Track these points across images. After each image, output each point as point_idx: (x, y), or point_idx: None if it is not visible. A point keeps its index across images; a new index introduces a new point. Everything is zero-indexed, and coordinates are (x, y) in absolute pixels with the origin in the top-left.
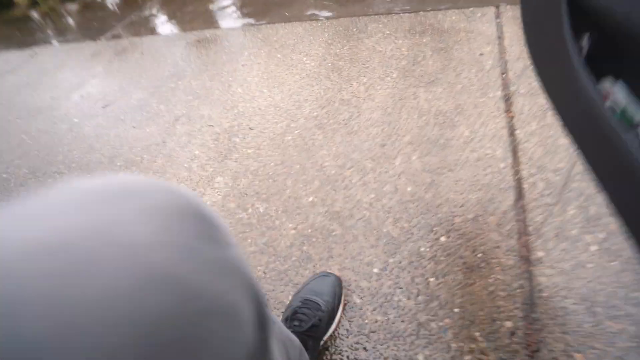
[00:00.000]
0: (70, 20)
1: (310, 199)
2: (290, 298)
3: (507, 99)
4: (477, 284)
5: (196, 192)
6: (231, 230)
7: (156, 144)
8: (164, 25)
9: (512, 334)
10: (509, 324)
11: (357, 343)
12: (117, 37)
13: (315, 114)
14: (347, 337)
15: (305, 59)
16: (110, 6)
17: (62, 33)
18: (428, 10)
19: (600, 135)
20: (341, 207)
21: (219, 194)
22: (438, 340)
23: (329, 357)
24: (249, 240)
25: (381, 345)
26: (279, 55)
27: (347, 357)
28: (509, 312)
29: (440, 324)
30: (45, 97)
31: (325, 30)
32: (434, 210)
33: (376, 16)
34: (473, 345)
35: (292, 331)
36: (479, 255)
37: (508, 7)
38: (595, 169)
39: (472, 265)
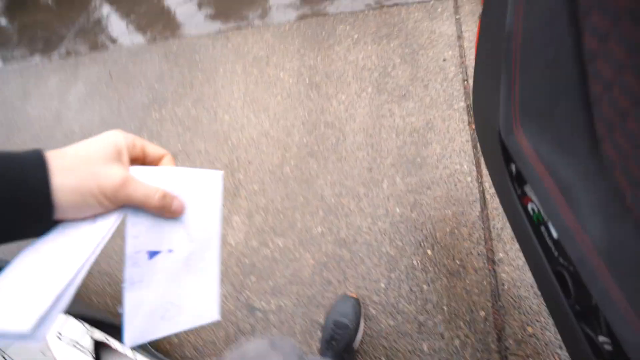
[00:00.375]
0: (6, 25)
1: (319, 229)
2: (323, 319)
3: (469, 110)
4: (458, 286)
5: None
6: (260, 268)
7: None
8: (122, 34)
9: (485, 320)
10: (482, 313)
11: (379, 344)
12: (73, 53)
13: (305, 140)
14: (370, 341)
15: (281, 74)
16: (46, 2)
17: (4, 44)
18: (391, 6)
19: (518, 222)
20: (346, 234)
21: (240, 234)
22: (435, 333)
23: (359, 359)
24: (278, 274)
25: (395, 342)
26: (255, 72)
27: (373, 355)
28: (481, 304)
29: (435, 320)
30: (25, 137)
31: (295, 36)
32: (420, 227)
33: (342, 16)
34: (459, 332)
35: (331, 350)
36: (458, 262)
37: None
38: (515, 233)
39: (453, 271)
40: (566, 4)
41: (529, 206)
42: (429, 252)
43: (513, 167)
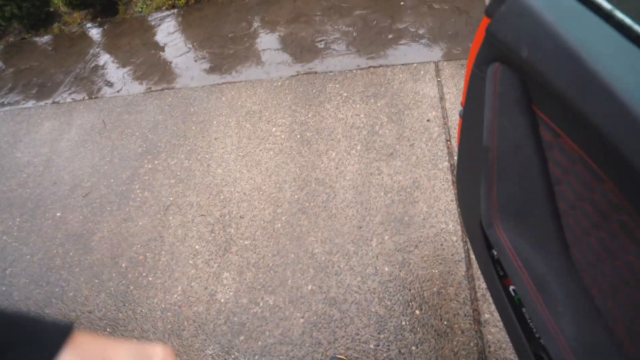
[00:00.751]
0: (1, 68)
1: (310, 287)
2: None
3: (453, 170)
4: (446, 347)
5: (208, 290)
6: (250, 327)
7: (154, 239)
8: (118, 83)
9: None
10: None
11: None
12: (68, 100)
13: (296, 196)
14: None
15: (274, 129)
16: (44, 48)
17: None
18: (377, 67)
19: (500, 301)
20: (336, 292)
21: (230, 291)
22: None
23: None
24: (267, 333)
25: None
26: (248, 126)
27: None
28: None
29: None
30: (11, 184)
31: (287, 92)
32: (408, 286)
33: (331, 74)
34: None
35: None
36: (445, 322)
37: (445, 63)
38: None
39: (440, 332)
40: (531, 137)
41: (511, 288)
42: (417, 312)
43: (494, 252)
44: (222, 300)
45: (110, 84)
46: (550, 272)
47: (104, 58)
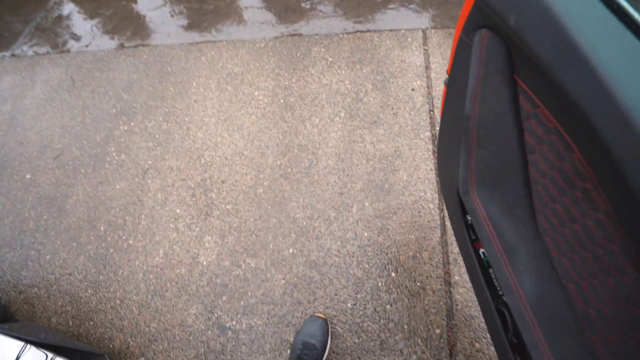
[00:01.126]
0: None
1: (291, 250)
2: (292, 338)
3: (434, 140)
4: (418, 306)
5: (190, 253)
6: (232, 288)
7: (133, 203)
8: (86, 36)
9: (440, 337)
10: (438, 331)
11: None
12: (29, 53)
13: (278, 162)
14: (336, 357)
15: (256, 93)
16: None
17: None
18: (364, 32)
19: (470, 262)
20: (316, 256)
21: (212, 254)
22: (394, 349)
23: None
24: (249, 294)
25: (358, 359)
26: (229, 88)
27: None
28: (437, 322)
29: (396, 338)
30: None
31: (270, 54)
32: (386, 250)
33: (317, 37)
34: (417, 349)
35: None
36: (418, 284)
37: (433, 31)
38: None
39: (414, 292)
40: (511, 107)
41: (481, 250)
42: (393, 274)
43: (468, 218)
44: (205, 263)
45: (76, 37)
46: (517, 236)
47: (69, 7)
